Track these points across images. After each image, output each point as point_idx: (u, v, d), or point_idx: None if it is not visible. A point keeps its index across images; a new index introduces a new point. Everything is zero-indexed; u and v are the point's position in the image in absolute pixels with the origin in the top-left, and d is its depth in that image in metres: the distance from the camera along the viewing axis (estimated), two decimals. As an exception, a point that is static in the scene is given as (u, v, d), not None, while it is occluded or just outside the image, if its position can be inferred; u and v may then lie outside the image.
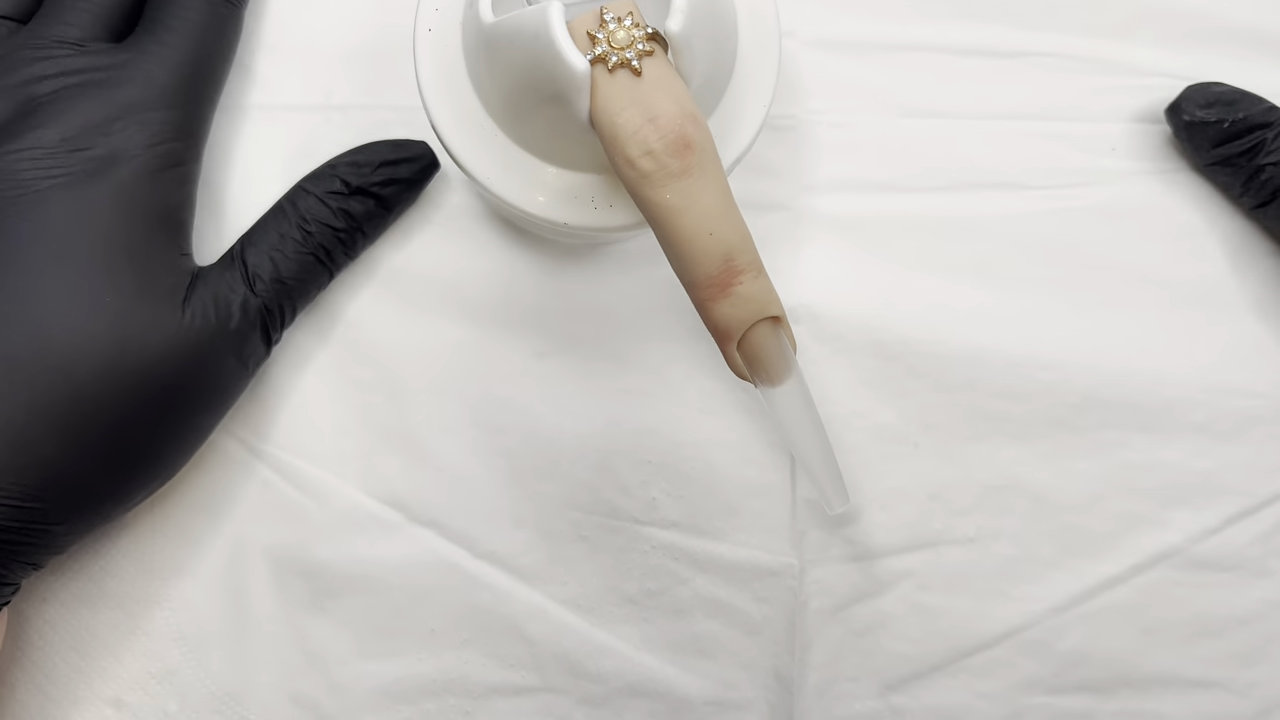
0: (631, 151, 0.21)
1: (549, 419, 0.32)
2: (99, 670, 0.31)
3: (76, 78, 0.28)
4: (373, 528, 0.31)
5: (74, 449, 0.25)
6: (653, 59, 0.22)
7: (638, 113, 0.21)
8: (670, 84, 0.22)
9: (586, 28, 0.22)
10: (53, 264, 0.26)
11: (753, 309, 0.22)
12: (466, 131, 0.26)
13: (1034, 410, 0.32)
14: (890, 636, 0.32)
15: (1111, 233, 0.33)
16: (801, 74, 0.33)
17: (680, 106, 0.22)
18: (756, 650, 0.31)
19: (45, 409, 0.25)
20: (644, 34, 0.22)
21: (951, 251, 0.33)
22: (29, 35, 0.28)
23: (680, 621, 0.31)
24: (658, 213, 0.22)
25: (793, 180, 0.33)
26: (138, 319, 0.26)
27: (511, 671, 0.31)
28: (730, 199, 0.22)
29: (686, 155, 0.21)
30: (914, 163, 0.33)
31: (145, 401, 0.26)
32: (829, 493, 0.25)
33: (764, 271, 0.23)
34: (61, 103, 0.27)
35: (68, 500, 0.26)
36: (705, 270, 0.22)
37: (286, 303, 0.30)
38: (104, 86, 0.28)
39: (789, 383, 0.24)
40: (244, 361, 0.29)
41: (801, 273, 0.32)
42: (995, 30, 0.33)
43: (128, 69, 0.28)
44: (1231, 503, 0.32)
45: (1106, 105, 0.33)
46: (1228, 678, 0.32)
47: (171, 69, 0.29)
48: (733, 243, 0.22)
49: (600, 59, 0.22)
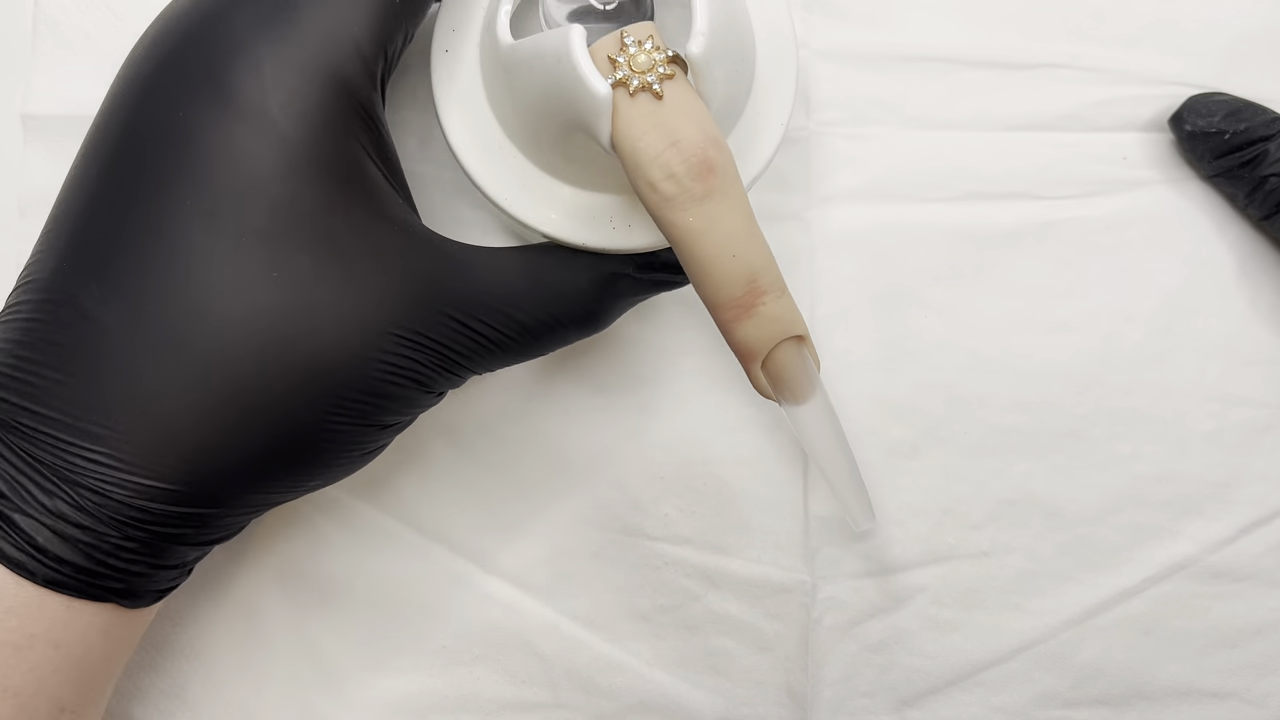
0: (654, 175, 0.21)
1: (561, 434, 0.32)
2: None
3: None
4: (384, 543, 0.31)
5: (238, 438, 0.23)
6: (674, 82, 0.22)
7: (660, 136, 0.21)
8: (692, 107, 0.22)
9: (607, 51, 0.22)
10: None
11: (777, 329, 0.22)
12: (483, 152, 0.26)
13: (1045, 423, 0.32)
14: (905, 652, 0.31)
15: (1122, 242, 0.33)
16: (813, 85, 0.33)
17: (702, 130, 0.22)
18: (769, 667, 0.31)
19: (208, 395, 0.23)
20: (665, 57, 0.22)
21: (962, 263, 0.33)
22: None
23: (693, 638, 0.31)
24: (680, 235, 0.22)
25: (804, 191, 0.33)
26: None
27: (523, 688, 0.31)
28: (752, 220, 0.22)
29: (709, 178, 0.21)
30: (925, 174, 0.33)
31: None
32: (855, 510, 0.26)
33: (787, 291, 0.23)
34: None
35: (253, 485, 0.24)
36: (729, 292, 0.22)
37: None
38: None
39: (814, 401, 0.24)
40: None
41: (812, 284, 0.32)
42: (1006, 42, 0.33)
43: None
44: (1244, 513, 0.32)
45: (1117, 115, 0.33)
46: (1243, 688, 0.31)
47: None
48: (755, 264, 0.22)
49: (622, 83, 0.22)
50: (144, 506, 0.22)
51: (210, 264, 0.22)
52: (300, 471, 0.24)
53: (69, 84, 0.32)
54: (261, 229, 0.22)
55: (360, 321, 0.23)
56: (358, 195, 0.23)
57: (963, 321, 0.32)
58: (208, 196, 0.22)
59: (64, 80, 0.32)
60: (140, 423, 0.22)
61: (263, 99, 0.22)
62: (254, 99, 0.22)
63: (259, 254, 0.22)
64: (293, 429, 0.23)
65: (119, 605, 0.23)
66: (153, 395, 0.22)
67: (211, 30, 0.23)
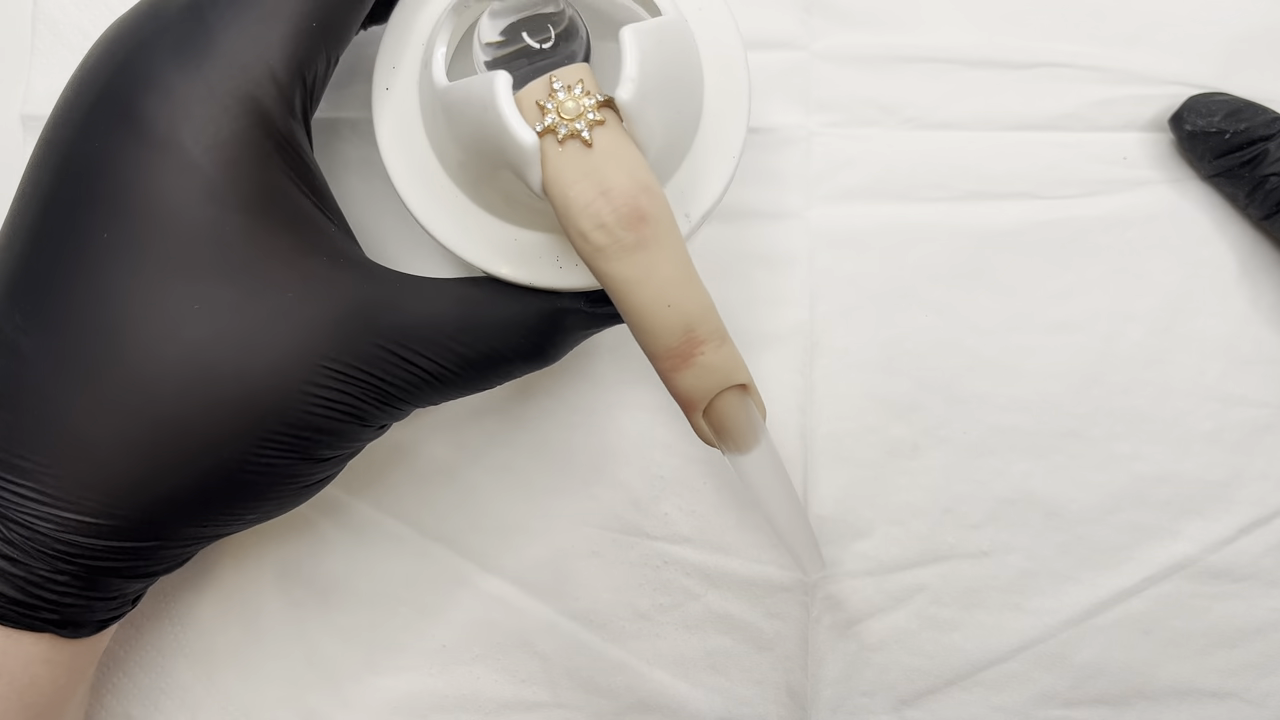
0: (584, 225, 0.21)
1: (561, 434, 0.32)
2: (110, 687, 0.31)
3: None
4: (384, 542, 0.31)
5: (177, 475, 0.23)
6: (604, 128, 0.21)
7: (589, 186, 0.21)
8: (623, 154, 0.21)
9: (535, 97, 0.21)
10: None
11: (716, 379, 0.22)
12: (427, 191, 0.26)
13: (1044, 422, 0.32)
14: (904, 651, 0.31)
15: (1123, 242, 0.33)
16: (812, 86, 0.33)
17: (633, 178, 0.21)
18: (769, 666, 0.31)
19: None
20: (594, 103, 0.21)
21: (962, 262, 0.33)
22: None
23: (693, 637, 0.31)
24: (614, 285, 0.21)
25: (803, 191, 0.33)
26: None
27: (523, 687, 0.31)
28: (689, 268, 0.22)
29: (640, 228, 0.21)
30: (924, 174, 0.33)
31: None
32: (804, 560, 0.25)
33: (728, 340, 0.22)
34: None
35: (185, 519, 0.23)
36: (665, 342, 0.21)
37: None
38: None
39: (758, 450, 0.23)
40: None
41: (812, 284, 0.32)
42: (1005, 41, 0.33)
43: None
44: (1244, 513, 0.32)
45: (1118, 115, 0.33)
46: (1243, 688, 0.31)
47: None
48: (692, 313, 0.21)
49: (550, 130, 0.21)
50: (72, 540, 0.22)
51: (131, 296, 0.22)
52: (236, 505, 0.24)
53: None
54: (181, 260, 0.22)
55: (287, 353, 0.22)
56: (282, 224, 0.23)
57: (963, 321, 0.32)
58: (127, 228, 0.22)
59: (64, 80, 0.32)
60: (64, 456, 0.22)
61: (174, 128, 0.22)
62: (166, 129, 0.22)
63: (179, 285, 0.22)
64: (222, 462, 0.22)
65: (58, 635, 0.23)
66: (76, 428, 0.22)
67: (131, 59, 0.23)
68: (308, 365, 0.22)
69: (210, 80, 0.22)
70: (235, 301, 0.22)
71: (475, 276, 0.26)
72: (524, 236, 0.26)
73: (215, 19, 0.23)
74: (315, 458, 0.24)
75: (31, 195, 0.23)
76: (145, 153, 0.22)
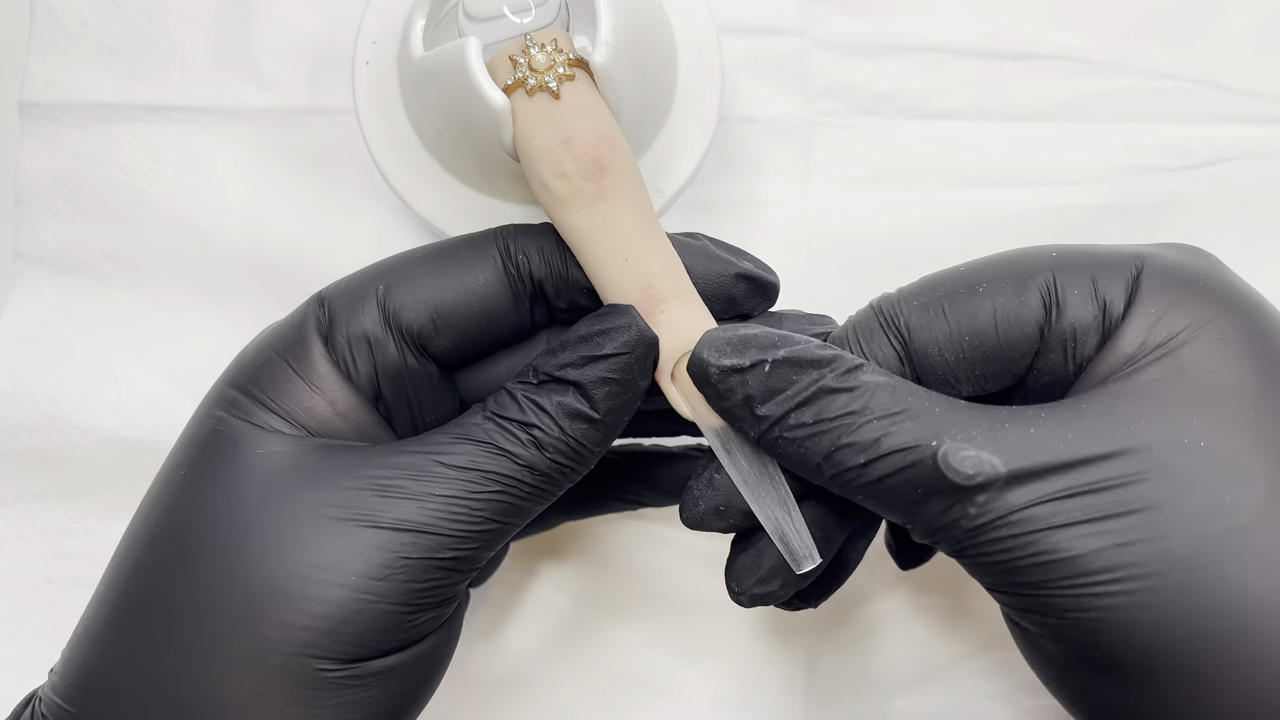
0: (545, 174, 0.21)
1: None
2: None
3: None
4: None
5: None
6: (573, 83, 0.22)
7: (553, 135, 0.21)
8: (589, 107, 0.22)
9: (509, 53, 0.22)
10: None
11: (679, 339, 0.21)
12: (405, 165, 0.26)
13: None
14: (895, 639, 0.32)
15: (1123, 230, 0.33)
16: (811, 76, 0.33)
17: (597, 129, 0.21)
18: (765, 650, 0.32)
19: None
20: (566, 59, 0.22)
21: (961, 249, 0.32)
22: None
23: (691, 620, 0.32)
24: (573, 237, 0.21)
25: (802, 180, 0.33)
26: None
27: (521, 667, 0.32)
28: (653, 224, 0.22)
29: (601, 178, 0.21)
30: (924, 163, 0.33)
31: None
32: (793, 548, 0.22)
33: (694, 300, 0.22)
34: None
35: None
36: (621, 297, 0.21)
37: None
38: None
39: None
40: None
41: (811, 271, 0.32)
42: (1004, 32, 0.33)
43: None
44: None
45: (1116, 106, 0.33)
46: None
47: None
48: (651, 270, 0.21)
49: (520, 83, 0.22)
50: None
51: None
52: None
53: (66, 71, 0.32)
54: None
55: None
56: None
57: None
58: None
59: (62, 68, 0.32)
60: None
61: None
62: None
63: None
64: None
65: None
66: None
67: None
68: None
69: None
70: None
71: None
72: (500, 209, 0.27)
73: None
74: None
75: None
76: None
